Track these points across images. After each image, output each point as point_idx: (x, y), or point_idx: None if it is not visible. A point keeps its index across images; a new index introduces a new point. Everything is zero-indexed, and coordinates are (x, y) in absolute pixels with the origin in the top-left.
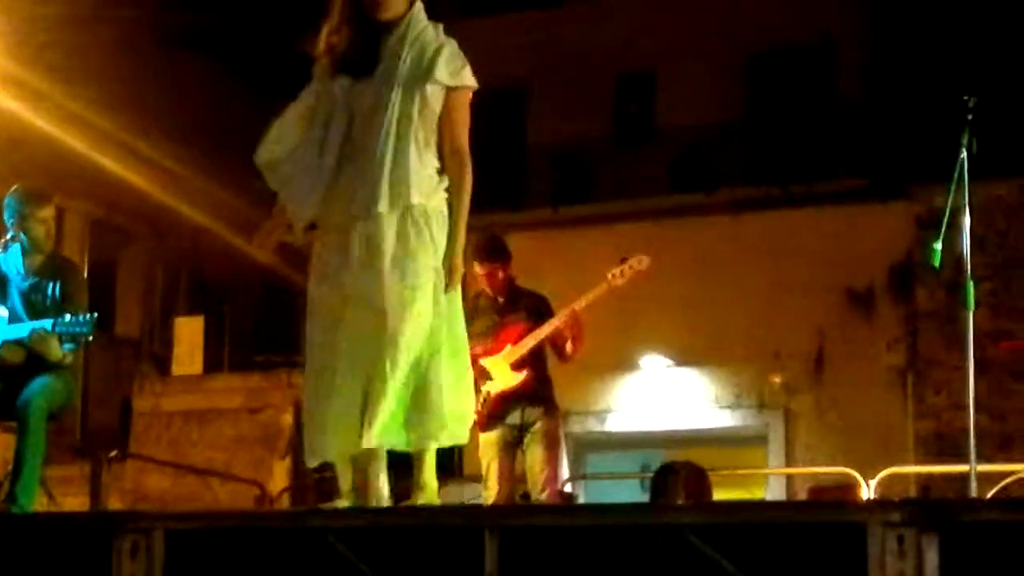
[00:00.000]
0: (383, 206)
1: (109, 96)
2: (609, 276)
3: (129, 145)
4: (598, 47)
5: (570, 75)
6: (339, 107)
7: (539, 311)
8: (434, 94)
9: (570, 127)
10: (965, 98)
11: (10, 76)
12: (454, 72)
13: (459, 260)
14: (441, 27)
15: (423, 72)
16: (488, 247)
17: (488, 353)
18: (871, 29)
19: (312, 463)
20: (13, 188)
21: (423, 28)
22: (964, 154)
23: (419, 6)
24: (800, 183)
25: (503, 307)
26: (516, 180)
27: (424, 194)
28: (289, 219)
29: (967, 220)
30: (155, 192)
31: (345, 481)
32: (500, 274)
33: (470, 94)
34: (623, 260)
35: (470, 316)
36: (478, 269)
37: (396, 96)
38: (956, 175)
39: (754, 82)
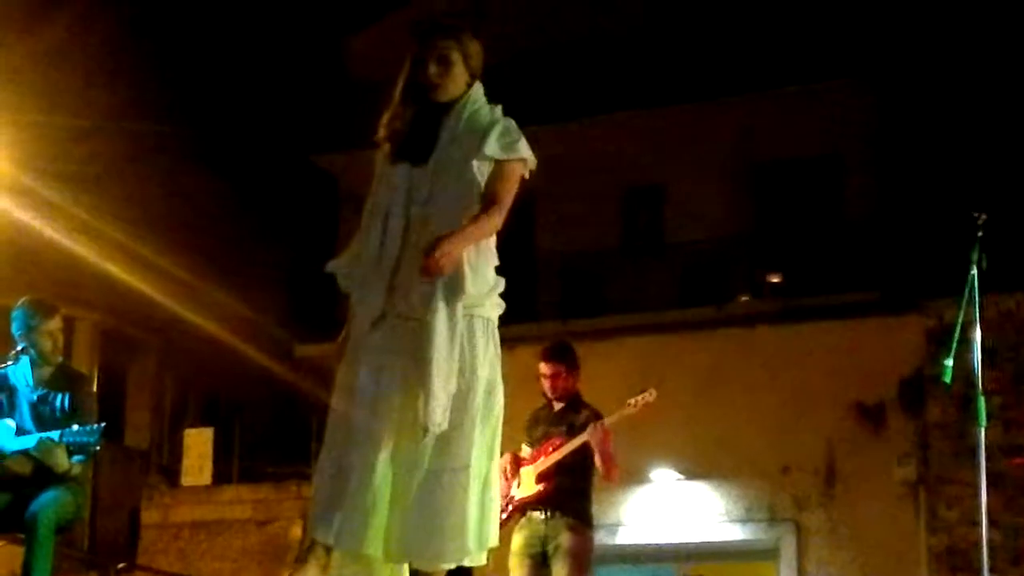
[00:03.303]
0: (438, 300)
1: (119, 206)
2: (631, 402)
3: (139, 255)
4: (607, 161)
5: (579, 188)
6: (398, 195)
7: (583, 426)
8: (482, 171)
9: (580, 240)
10: (975, 214)
11: (20, 187)
12: (506, 146)
13: (450, 246)
14: (499, 108)
15: (474, 151)
16: (555, 348)
17: (528, 462)
18: (879, 143)
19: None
20: (20, 300)
21: (478, 108)
22: (974, 269)
23: (477, 86)
24: (810, 296)
25: (556, 418)
26: (526, 292)
27: (480, 288)
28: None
29: (978, 334)
30: (165, 302)
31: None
32: (563, 376)
33: (524, 169)
34: (643, 391)
35: (533, 423)
36: (543, 368)
37: (449, 180)
38: (967, 290)
39: (763, 196)
